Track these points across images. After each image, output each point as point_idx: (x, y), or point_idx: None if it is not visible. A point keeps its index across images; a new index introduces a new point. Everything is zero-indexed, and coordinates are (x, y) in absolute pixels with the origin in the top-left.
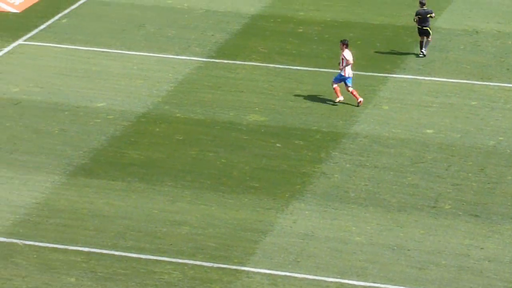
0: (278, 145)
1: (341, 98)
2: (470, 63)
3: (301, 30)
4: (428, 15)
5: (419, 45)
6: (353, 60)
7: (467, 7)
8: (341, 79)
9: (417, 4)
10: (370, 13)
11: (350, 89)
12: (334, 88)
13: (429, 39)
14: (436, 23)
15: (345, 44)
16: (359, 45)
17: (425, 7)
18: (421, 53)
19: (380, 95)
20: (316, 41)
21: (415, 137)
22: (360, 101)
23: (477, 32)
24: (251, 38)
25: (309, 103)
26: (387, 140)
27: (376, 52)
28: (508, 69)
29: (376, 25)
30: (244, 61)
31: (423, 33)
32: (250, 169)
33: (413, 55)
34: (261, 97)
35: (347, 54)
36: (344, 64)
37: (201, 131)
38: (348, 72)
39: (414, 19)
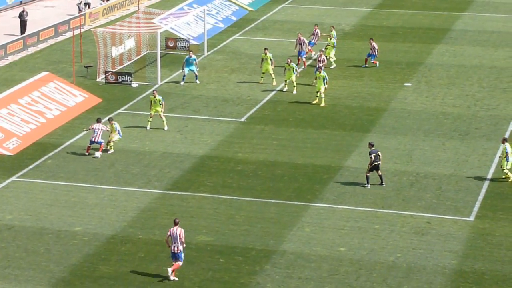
0: (221, 260)
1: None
2: (373, 195)
3: (239, 168)
4: (378, 153)
5: (366, 179)
6: None
7: None
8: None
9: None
10: (295, 155)
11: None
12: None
13: (380, 172)
14: (346, 163)
15: None
16: (286, 180)
17: (373, 148)
18: (368, 185)
19: (303, 220)
20: (252, 176)
21: (331, 254)
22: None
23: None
24: (200, 174)
25: (246, 226)
26: (309, 256)
27: (299, 185)
28: (403, 200)
29: (299, 164)
30: (194, 193)
31: (376, 168)
32: (198, 280)
33: (329, 188)
34: (207, 221)
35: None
36: None
37: (159, 249)
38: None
39: (370, 159)
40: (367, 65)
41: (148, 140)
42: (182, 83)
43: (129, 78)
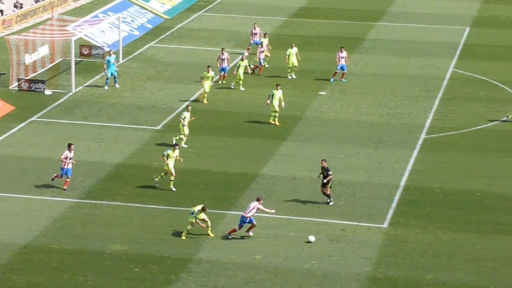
0: (136, 269)
1: None
2: (289, 203)
3: (155, 176)
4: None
5: (326, 196)
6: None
7: (286, 159)
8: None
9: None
10: (211, 163)
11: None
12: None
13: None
14: (262, 171)
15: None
16: (202, 188)
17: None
18: (331, 201)
19: (219, 228)
20: (167, 184)
21: (246, 262)
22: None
23: (294, 178)
24: (114, 182)
25: (162, 235)
26: (225, 264)
27: (215, 193)
28: (318, 207)
29: (215, 172)
30: (108, 201)
31: (326, 184)
32: None
33: (245, 196)
34: (122, 230)
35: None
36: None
37: (72, 259)
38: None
39: (330, 175)
40: (344, 79)
41: (61, 148)
42: (106, 87)
43: (43, 86)
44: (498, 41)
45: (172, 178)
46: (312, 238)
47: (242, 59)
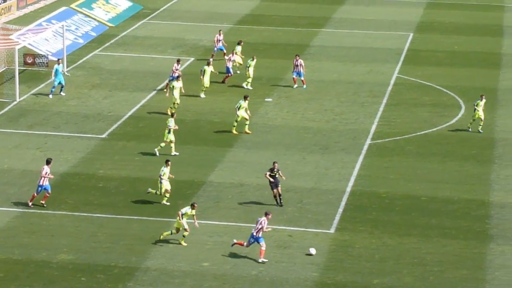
0: (83, 279)
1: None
2: (237, 209)
3: (101, 185)
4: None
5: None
6: None
7: (233, 166)
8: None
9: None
10: (157, 171)
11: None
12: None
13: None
14: (209, 178)
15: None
16: (148, 196)
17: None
18: (281, 204)
19: (166, 235)
20: (114, 193)
21: (194, 269)
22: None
23: (241, 185)
24: (60, 192)
25: (108, 244)
26: (172, 272)
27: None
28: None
29: None
30: (54, 211)
31: (276, 186)
32: None
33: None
34: (68, 239)
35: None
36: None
37: (19, 269)
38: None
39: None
40: (297, 85)
41: (6, 157)
42: (50, 96)
43: None
44: (441, 47)
45: (167, 195)
46: (313, 251)
47: (208, 64)
